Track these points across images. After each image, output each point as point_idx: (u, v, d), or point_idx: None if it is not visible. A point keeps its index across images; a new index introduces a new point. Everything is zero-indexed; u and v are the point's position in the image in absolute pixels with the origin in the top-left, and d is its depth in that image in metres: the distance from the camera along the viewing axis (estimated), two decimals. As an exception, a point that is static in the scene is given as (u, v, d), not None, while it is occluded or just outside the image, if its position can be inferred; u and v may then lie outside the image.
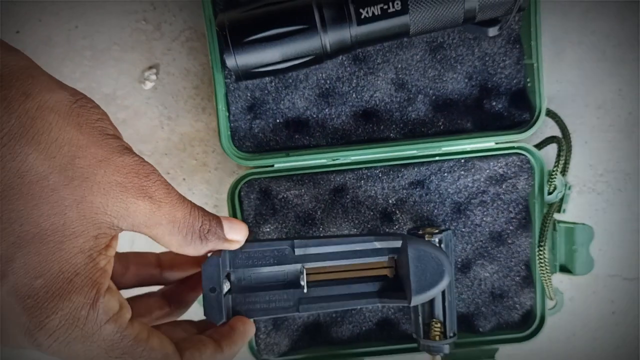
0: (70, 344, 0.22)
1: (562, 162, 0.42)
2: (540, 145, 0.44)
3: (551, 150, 0.44)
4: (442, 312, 0.38)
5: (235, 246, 0.29)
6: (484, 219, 0.44)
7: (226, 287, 0.30)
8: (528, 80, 0.42)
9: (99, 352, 0.23)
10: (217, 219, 0.28)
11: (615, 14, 0.45)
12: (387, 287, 0.33)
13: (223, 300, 0.29)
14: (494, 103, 0.43)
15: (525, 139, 0.42)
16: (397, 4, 0.36)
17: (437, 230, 0.37)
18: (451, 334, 0.38)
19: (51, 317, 0.21)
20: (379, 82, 0.42)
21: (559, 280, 0.50)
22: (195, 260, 0.32)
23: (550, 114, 0.44)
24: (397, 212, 0.44)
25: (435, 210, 0.44)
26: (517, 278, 0.45)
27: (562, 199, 0.44)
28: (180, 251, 0.26)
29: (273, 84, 0.42)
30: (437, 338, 0.38)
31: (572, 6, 0.45)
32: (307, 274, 0.31)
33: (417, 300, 0.31)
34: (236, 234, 0.29)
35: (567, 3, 0.45)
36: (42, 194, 0.21)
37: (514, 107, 0.43)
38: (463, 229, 0.44)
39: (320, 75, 0.42)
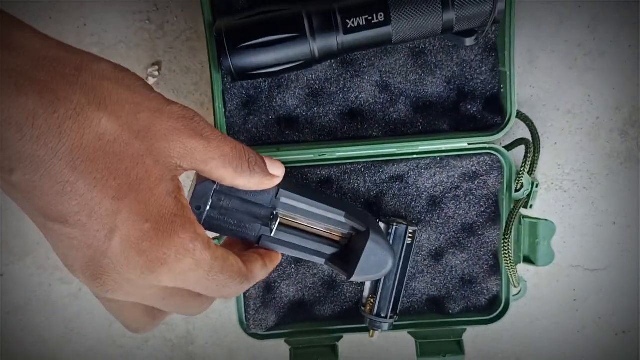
0: (186, 274, 0.25)
1: (529, 162, 0.45)
2: (510, 147, 0.47)
3: (522, 150, 0.47)
4: (380, 293, 0.44)
5: (275, 181, 0.32)
6: (457, 211, 0.47)
7: (209, 204, 0.33)
8: (502, 86, 0.45)
9: (202, 275, 0.26)
10: (259, 155, 0.31)
11: (587, 25, 0.47)
12: (337, 254, 0.38)
13: (202, 219, 0.33)
14: (469, 106, 0.45)
15: (496, 141, 0.45)
16: (381, 15, 0.38)
17: (403, 222, 0.42)
18: (384, 315, 0.44)
19: (168, 254, 0.24)
20: (364, 84, 0.45)
21: (525, 269, 0.53)
22: None
23: (522, 117, 0.47)
24: (378, 203, 0.47)
25: (413, 203, 0.47)
26: (485, 266, 0.48)
27: (529, 196, 0.47)
28: (232, 183, 0.29)
29: (266, 83, 0.44)
30: (368, 311, 0.45)
31: (547, 17, 0.47)
32: (277, 226, 0.35)
33: (355, 279, 0.37)
34: (276, 170, 0.32)
35: (542, 14, 0.47)
36: (121, 150, 0.23)
37: (487, 111, 0.45)
38: (437, 221, 0.47)
39: (310, 76, 0.44)
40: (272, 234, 0.35)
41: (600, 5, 0.47)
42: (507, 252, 0.45)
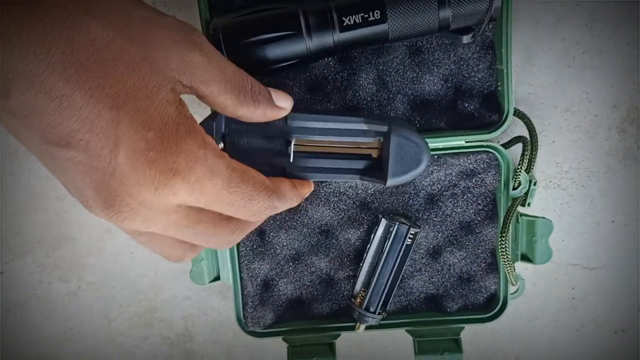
0: (202, 184, 0.23)
1: (526, 160, 0.44)
2: (508, 144, 0.46)
3: (520, 148, 0.47)
4: (372, 288, 0.44)
5: (282, 114, 0.29)
6: (455, 209, 0.47)
7: (220, 147, 0.31)
8: (499, 84, 0.44)
9: (222, 187, 0.24)
10: (264, 86, 0.28)
11: (584, 23, 0.47)
12: (370, 166, 0.35)
13: None
14: (466, 104, 0.45)
15: (493, 138, 0.45)
16: (377, 13, 0.38)
17: (406, 222, 0.41)
18: (372, 309, 0.44)
19: (177, 161, 0.22)
20: (361, 82, 0.45)
21: (523, 267, 0.52)
22: None
23: (520, 115, 0.47)
24: (375, 201, 0.47)
25: (410, 201, 0.47)
26: (483, 264, 0.48)
27: (526, 194, 0.47)
28: (234, 113, 0.27)
29: (264, 82, 0.44)
30: (357, 304, 0.45)
31: (544, 15, 0.47)
32: (295, 145, 0.33)
33: (391, 182, 0.34)
34: (283, 101, 0.29)
35: (540, 12, 0.47)
36: (114, 56, 0.21)
37: (485, 109, 0.45)
38: (435, 219, 0.47)
39: (308, 74, 0.44)
40: (292, 161, 0.33)
41: (598, 4, 0.47)
42: (504, 250, 0.45)
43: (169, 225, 0.24)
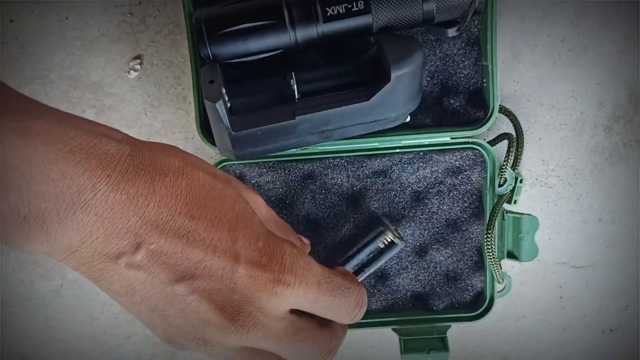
0: (304, 274, 0.26)
1: (512, 157, 0.43)
2: (494, 141, 0.45)
3: (506, 145, 0.45)
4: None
5: None
6: (441, 207, 0.45)
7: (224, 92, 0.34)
8: (485, 80, 0.43)
9: (320, 277, 0.27)
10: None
11: (570, 20, 0.46)
12: (374, 73, 0.37)
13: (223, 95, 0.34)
14: (452, 101, 0.43)
15: (479, 135, 0.43)
16: (360, 3, 0.36)
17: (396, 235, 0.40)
18: None
19: (284, 259, 0.26)
20: (346, 77, 0.43)
21: (510, 265, 0.51)
22: None
23: (505, 112, 0.45)
24: (361, 198, 0.45)
25: (397, 198, 0.45)
26: (470, 262, 0.46)
27: (512, 191, 0.45)
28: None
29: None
30: None
31: (530, 11, 0.45)
32: (297, 81, 0.36)
33: (396, 73, 0.35)
34: None
35: (525, 8, 0.45)
36: (221, 194, 0.26)
37: (470, 105, 0.43)
38: (421, 216, 0.45)
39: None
40: (299, 101, 0.34)
41: (584, 0, 0.45)
42: (490, 247, 0.43)
43: (281, 334, 0.27)
